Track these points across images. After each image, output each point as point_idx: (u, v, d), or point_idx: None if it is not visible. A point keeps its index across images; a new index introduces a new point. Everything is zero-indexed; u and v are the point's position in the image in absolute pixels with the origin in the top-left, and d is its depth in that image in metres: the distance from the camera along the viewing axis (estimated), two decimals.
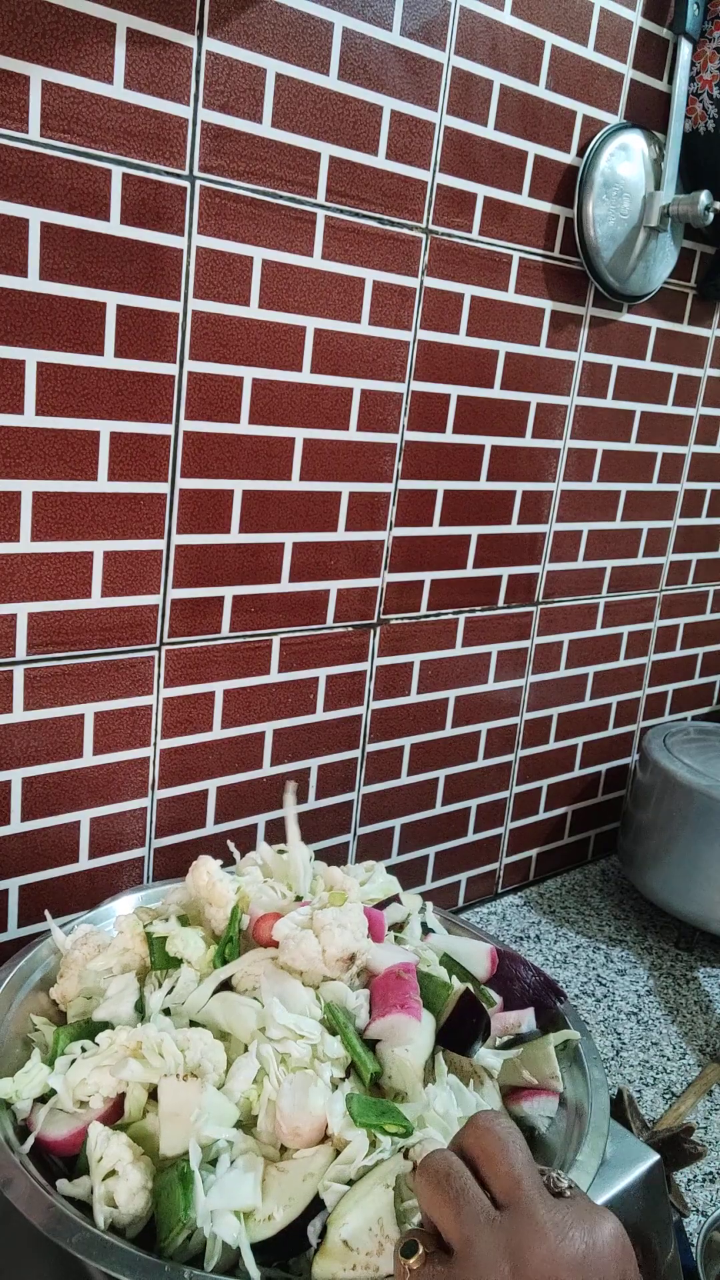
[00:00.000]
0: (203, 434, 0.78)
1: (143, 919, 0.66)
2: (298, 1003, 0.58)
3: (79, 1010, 0.63)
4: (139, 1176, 0.51)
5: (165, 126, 0.70)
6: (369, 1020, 0.59)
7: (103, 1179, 0.51)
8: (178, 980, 0.62)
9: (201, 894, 0.66)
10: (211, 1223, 0.49)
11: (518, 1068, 0.63)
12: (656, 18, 0.98)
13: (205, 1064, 0.55)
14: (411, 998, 0.60)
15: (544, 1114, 0.61)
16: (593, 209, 0.96)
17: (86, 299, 0.70)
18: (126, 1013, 0.60)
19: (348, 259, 0.82)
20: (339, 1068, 0.56)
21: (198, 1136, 0.51)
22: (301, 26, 0.75)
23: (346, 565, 0.91)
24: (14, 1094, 0.56)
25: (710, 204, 0.98)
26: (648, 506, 1.19)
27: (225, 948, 0.63)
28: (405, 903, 0.72)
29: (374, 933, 0.64)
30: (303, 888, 0.70)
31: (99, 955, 0.65)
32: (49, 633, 0.75)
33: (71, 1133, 0.54)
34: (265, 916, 0.64)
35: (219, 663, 0.85)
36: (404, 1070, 0.57)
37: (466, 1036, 0.61)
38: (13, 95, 0.64)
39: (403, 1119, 0.53)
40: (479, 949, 0.71)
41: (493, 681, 1.09)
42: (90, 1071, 0.55)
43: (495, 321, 0.94)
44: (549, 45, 0.90)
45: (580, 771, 1.25)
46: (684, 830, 1.09)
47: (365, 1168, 0.51)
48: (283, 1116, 0.53)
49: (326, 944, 0.60)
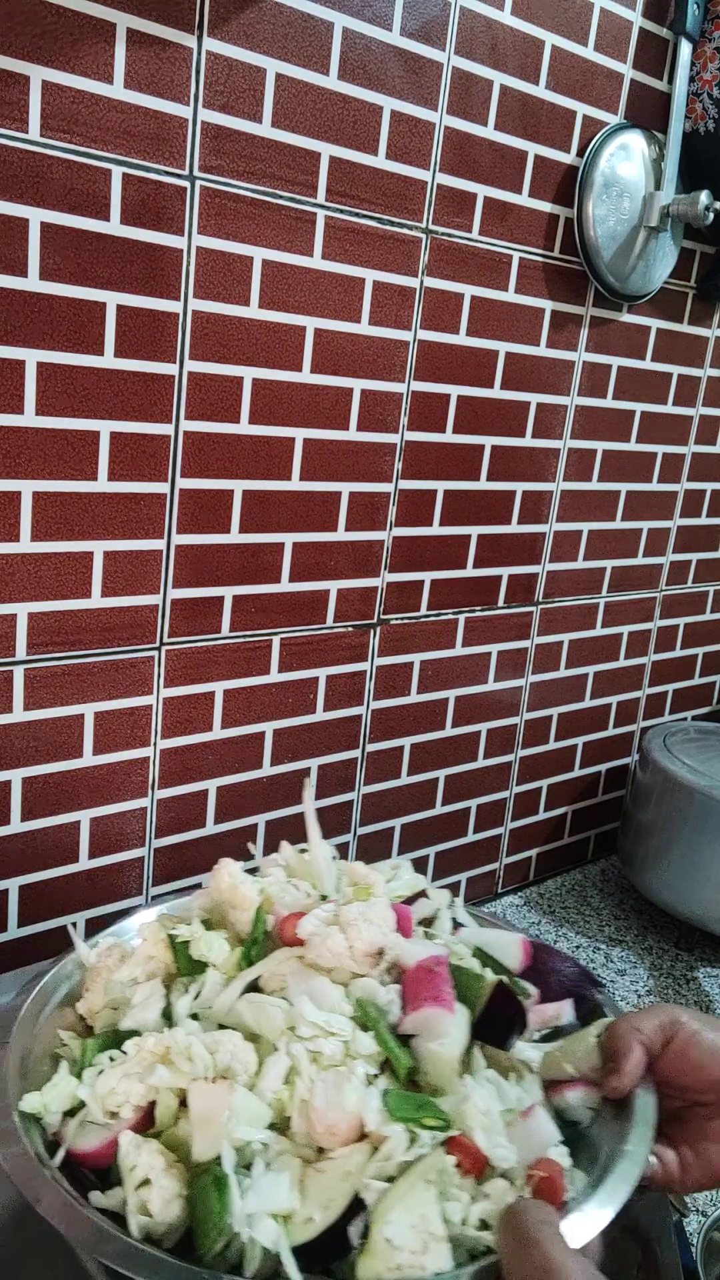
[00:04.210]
0: (203, 434, 0.78)
1: (166, 925, 0.65)
2: (327, 1000, 0.57)
3: (106, 1022, 0.62)
4: (173, 1184, 0.49)
5: (165, 126, 0.70)
6: (401, 1016, 0.58)
7: (136, 1188, 0.50)
8: (203, 984, 0.61)
9: (224, 897, 0.65)
10: (249, 1227, 0.47)
11: (559, 1060, 0.60)
12: (656, 18, 0.98)
13: (235, 1066, 0.54)
14: (444, 991, 0.58)
15: (587, 1105, 0.59)
16: (593, 209, 0.96)
17: (86, 299, 0.70)
18: (153, 1020, 0.59)
19: (348, 259, 0.82)
20: (373, 1064, 0.55)
21: (230, 1139, 0.50)
22: (301, 26, 0.75)
23: (346, 565, 0.91)
24: (42, 1108, 0.55)
25: (710, 204, 0.98)
26: (648, 506, 1.19)
27: (250, 949, 0.62)
28: (433, 897, 0.71)
29: (402, 928, 0.63)
30: (327, 886, 0.69)
31: (123, 966, 0.64)
32: (49, 633, 0.75)
33: (103, 1144, 0.53)
34: (290, 916, 0.63)
35: (219, 663, 0.85)
36: (439, 1064, 0.56)
37: (503, 1029, 0.59)
38: (13, 95, 0.64)
39: (440, 1113, 0.52)
40: (512, 940, 0.68)
41: (493, 681, 1.09)
42: (119, 1080, 0.54)
43: (495, 321, 0.94)
44: (549, 45, 0.90)
45: (580, 771, 1.25)
46: (684, 830, 1.09)
47: (405, 1164, 0.50)
48: (317, 1115, 0.52)
49: (353, 939, 0.59)
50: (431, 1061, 0.56)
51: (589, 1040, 0.60)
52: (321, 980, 0.58)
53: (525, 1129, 0.55)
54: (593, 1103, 0.59)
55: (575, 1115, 0.59)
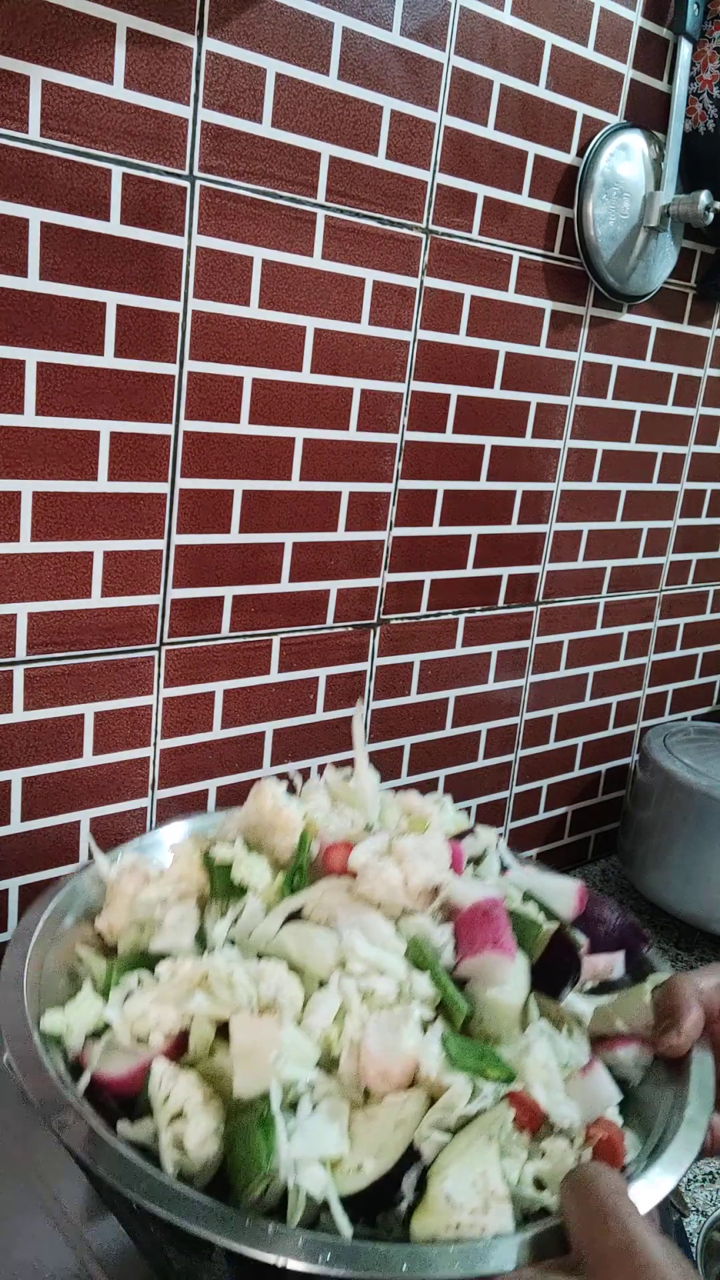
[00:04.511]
0: (203, 434, 0.78)
1: (200, 845, 0.60)
2: (379, 936, 0.53)
3: (130, 942, 0.57)
4: (210, 1120, 0.46)
5: (165, 126, 0.70)
6: (455, 959, 0.54)
7: (169, 1121, 0.46)
8: (243, 910, 0.56)
9: (265, 819, 0.60)
10: (295, 1173, 0.44)
11: (610, 1016, 0.58)
12: (656, 18, 0.98)
13: (281, 999, 0.50)
14: (505, 935, 0.54)
15: (639, 1064, 0.56)
16: (593, 209, 0.96)
17: (86, 299, 0.70)
18: (186, 944, 0.55)
19: (348, 259, 0.82)
20: (428, 1007, 0.51)
21: (278, 1077, 0.46)
22: (301, 26, 0.75)
23: (346, 565, 0.91)
24: (65, 1028, 0.51)
25: (710, 204, 0.98)
26: (648, 506, 1.19)
27: (294, 877, 0.58)
28: (481, 836, 0.67)
29: (454, 866, 0.59)
30: (372, 816, 0.65)
31: (150, 885, 0.59)
32: (49, 633, 0.75)
33: (131, 1071, 0.49)
34: (335, 845, 0.58)
35: (219, 663, 0.85)
36: (498, 1013, 0.52)
37: (558, 980, 0.56)
38: (13, 95, 0.64)
39: (504, 1064, 0.49)
40: (566, 886, 0.64)
41: (493, 681, 1.09)
42: (150, 1005, 0.50)
43: (495, 321, 0.94)
44: (549, 45, 0.90)
45: (580, 771, 1.25)
46: (684, 830, 1.09)
47: (465, 1116, 0.46)
48: (369, 1058, 0.48)
49: (409, 874, 0.55)
50: (490, 1009, 0.52)
51: (643, 996, 0.57)
52: (374, 915, 0.54)
53: (585, 1086, 0.52)
54: (645, 1061, 0.56)
55: (625, 1074, 0.56)
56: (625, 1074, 0.56)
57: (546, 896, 0.63)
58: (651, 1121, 0.52)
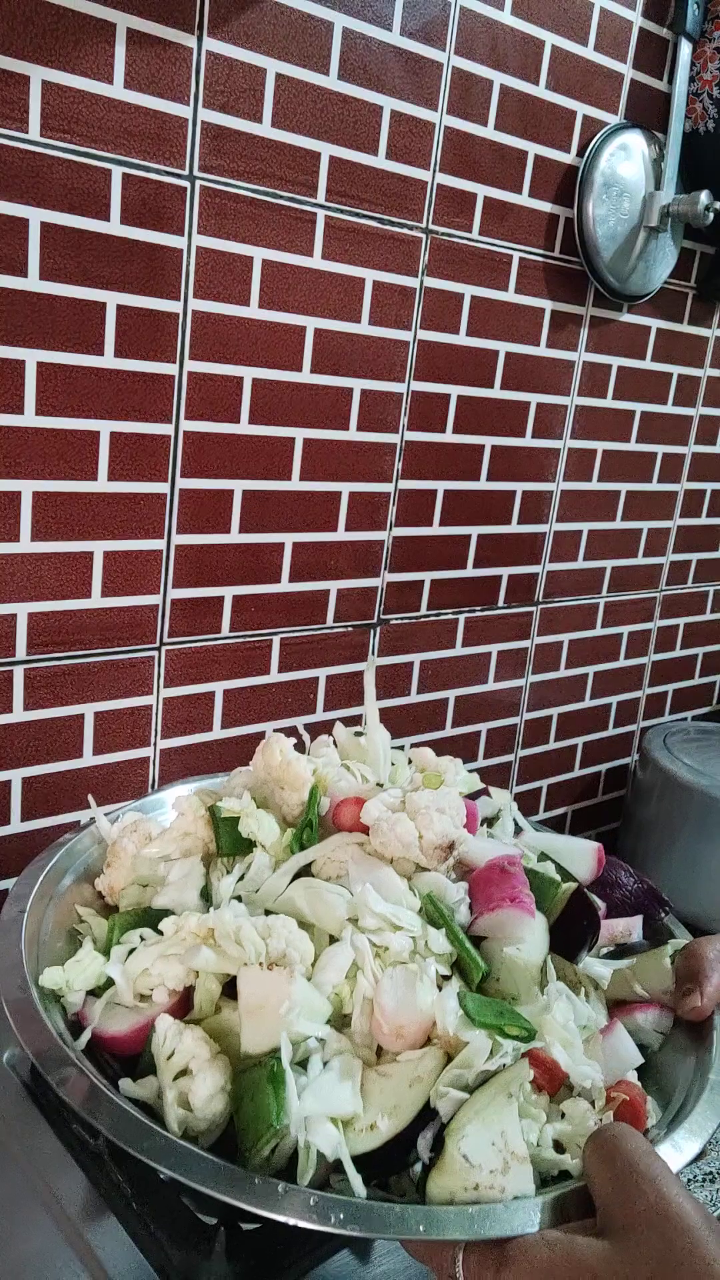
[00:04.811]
0: (203, 434, 0.78)
1: (205, 800, 0.59)
2: (392, 892, 0.52)
3: (132, 899, 0.56)
4: (217, 1076, 0.44)
5: (165, 126, 0.70)
6: (471, 917, 0.53)
7: (174, 1079, 0.45)
8: (249, 866, 0.55)
9: (274, 774, 0.58)
10: (306, 1131, 0.42)
11: (629, 980, 0.57)
12: (656, 18, 0.98)
13: (291, 954, 0.48)
14: (522, 892, 0.53)
15: (658, 1029, 0.56)
16: (593, 209, 0.96)
17: (86, 299, 0.70)
18: (192, 900, 0.54)
19: (348, 259, 0.82)
20: (444, 964, 0.50)
21: (290, 1032, 0.45)
22: (301, 26, 0.75)
23: (346, 565, 0.91)
24: (65, 985, 0.49)
25: (710, 204, 0.98)
26: (648, 506, 1.19)
27: (303, 833, 0.56)
28: (495, 797, 0.66)
29: (468, 825, 0.58)
30: (383, 774, 0.64)
31: (154, 841, 0.58)
32: (49, 633, 0.75)
33: (134, 1028, 0.48)
34: (346, 800, 0.57)
35: (219, 663, 0.85)
36: (515, 971, 0.51)
37: (575, 941, 0.55)
38: (13, 95, 0.64)
39: (525, 1021, 0.47)
40: (584, 847, 0.62)
41: (493, 681, 1.09)
42: (154, 961, 0.49)
43: (495, 321, 0.94)
44: (549, 45, 0.90)
45: (580, 771, 1.25)
46: (684, 830, 1.09)
47: (485, 1074, 0.45)
48: (384, 1015, 0.47)
49: (424, 829, 0.53)
50: (508, 968, 0.51)
51: (663, 960, 0.56)
52: (387, 870, 0.53)
53: (606, 1048, 0.51)
54: (664, 1026, 0.55)
55: (643, 1038, 0.55)
56: (644, 1039, 0.55)
57: (563, 857, 0.62)
58: (672, 1088, 0.51)
